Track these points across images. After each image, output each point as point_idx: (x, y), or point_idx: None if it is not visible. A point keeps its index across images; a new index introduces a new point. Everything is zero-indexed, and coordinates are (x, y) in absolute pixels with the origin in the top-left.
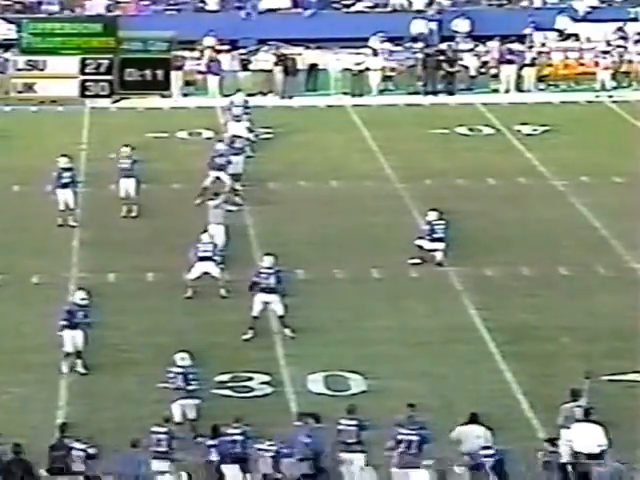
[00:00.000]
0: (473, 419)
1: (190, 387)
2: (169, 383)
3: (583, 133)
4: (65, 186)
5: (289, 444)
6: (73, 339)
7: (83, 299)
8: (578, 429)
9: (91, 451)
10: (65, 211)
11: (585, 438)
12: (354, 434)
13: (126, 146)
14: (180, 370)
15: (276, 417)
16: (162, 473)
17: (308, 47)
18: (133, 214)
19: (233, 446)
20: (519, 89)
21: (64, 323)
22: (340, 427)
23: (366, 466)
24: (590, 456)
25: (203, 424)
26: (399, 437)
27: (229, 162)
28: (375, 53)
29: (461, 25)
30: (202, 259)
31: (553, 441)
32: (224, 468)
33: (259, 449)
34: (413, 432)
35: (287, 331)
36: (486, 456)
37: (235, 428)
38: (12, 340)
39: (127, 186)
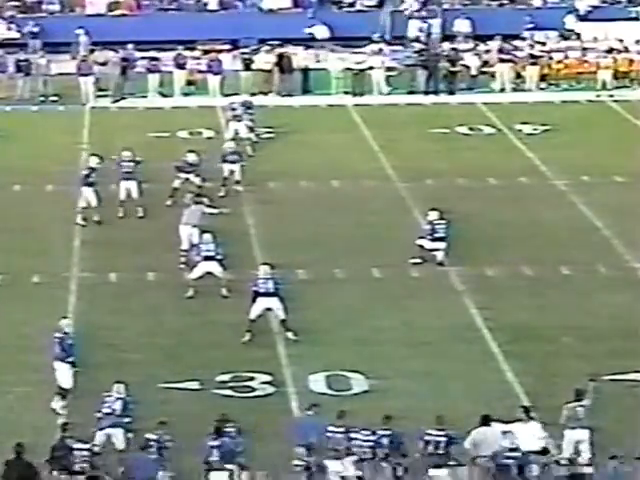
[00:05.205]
0: (488, 420)
1: (126, 420)
2: (104, 407)
3: (584, 132)
4: (90, 185)
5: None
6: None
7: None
8: (519, 427)
9: (96, 449)
10: (87, 209)
11: (525, 435)
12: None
13: (127, 150)
14: (121, 396)
15: (277, 417)
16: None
17: (299, 48)
18: (139, 214)
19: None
20: (520, 89)
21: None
22: (329, 434)
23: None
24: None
25: (204, 424)
26: (427, 438)
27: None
28: (376, 52)
29: (462, 25)
30: (206, 259)
31: (545, 452)
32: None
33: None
34: (441, 433)
35: (290, 334)
36: (511, 457)
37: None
38: (13, 340)
39: (129, 188)
